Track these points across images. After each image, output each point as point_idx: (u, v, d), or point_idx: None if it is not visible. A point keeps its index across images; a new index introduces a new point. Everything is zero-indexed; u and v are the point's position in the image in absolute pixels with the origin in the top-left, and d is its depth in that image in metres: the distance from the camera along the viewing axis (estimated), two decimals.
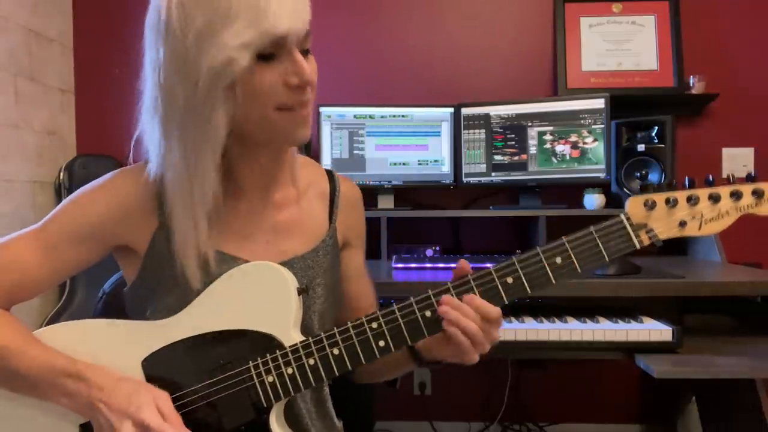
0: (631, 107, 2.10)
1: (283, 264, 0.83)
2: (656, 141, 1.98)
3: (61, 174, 2.16)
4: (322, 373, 0.76)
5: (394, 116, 2.09)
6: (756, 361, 1.27)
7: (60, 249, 0.80)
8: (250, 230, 0.85)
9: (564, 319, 1.40)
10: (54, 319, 2.02)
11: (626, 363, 1.35)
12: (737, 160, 2.16)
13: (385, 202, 2.12)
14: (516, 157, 2.05)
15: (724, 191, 0.75)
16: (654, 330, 1.31)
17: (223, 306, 0.79)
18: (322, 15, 0.76)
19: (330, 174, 0.96)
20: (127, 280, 0.87)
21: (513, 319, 1.41)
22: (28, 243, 0.80)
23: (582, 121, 1.99)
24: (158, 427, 0.69)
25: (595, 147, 1.99)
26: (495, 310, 0.75)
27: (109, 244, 0.83)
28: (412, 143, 2.10)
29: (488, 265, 0.79)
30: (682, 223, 0.75)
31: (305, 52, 0.75)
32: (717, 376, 1.31)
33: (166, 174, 0.77)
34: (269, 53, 0.71)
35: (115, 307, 1.02)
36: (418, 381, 2.25)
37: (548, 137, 2.02)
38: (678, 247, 2.04)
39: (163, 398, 0.73)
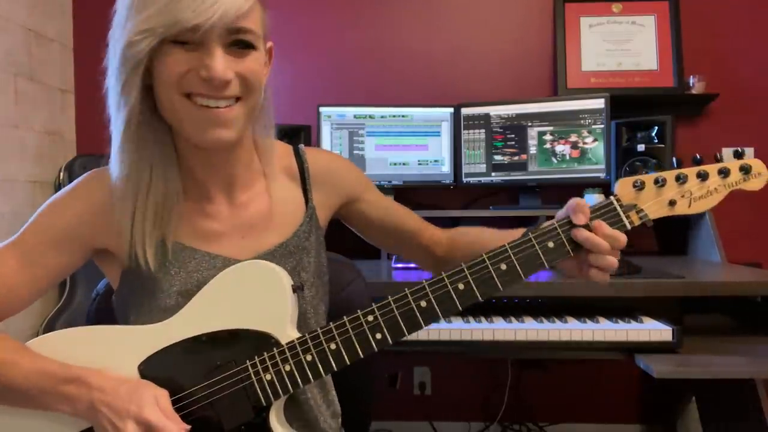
0: (631, 107, 2.10)
1: (264, 255, 0.83)
2: (656, 141, 1.98)
3: (61, 174, 2.15)
4: (320, 369, 0.76)
5: (394, 116, 2.09)
6: (756, 361, 1.27)
7: (38, 257, 0.79)
8: (223, 230, 0.84)
9: (564, 319, 1.40)
10: (53, 320, 2.02)
11: (626, 363, 1.35)
12: None
13: None
14: (516, 157, 2.05)
15: (712, 169, 0.76)
16: (654, 330, 1.31)
17: (218, 306, 0.79)
18: (322, 15, 0.76)
19: (296, 151, 0.94)
20: (113, 286, 0.87)
21: (513, 319, 1.41)
22: (6, 256, 0.79)
23: (582, 121, 1.99)
24: (161, 424, 0.69)
25: (595, 147, 1.99)
26: (620, 236, 0.75)
27: (88, 247, 0.82)
28: (412, 143, 2.10)
29: None
30: (672, 202, 0.76)
31: (239, 47, 0.73)
32: (717, 376, 1.31)
33: (111, 162, 0.79)
34: (182, 41, 0.71)
35: (109, 307, 1.02)
36: (418, 381, 2.25)
37: (548, 137, 2.02)
38: (678, 246, 2.04)
39: (163, 396, 0.73)
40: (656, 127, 1.99)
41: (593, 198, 2.00)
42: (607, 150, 1.98)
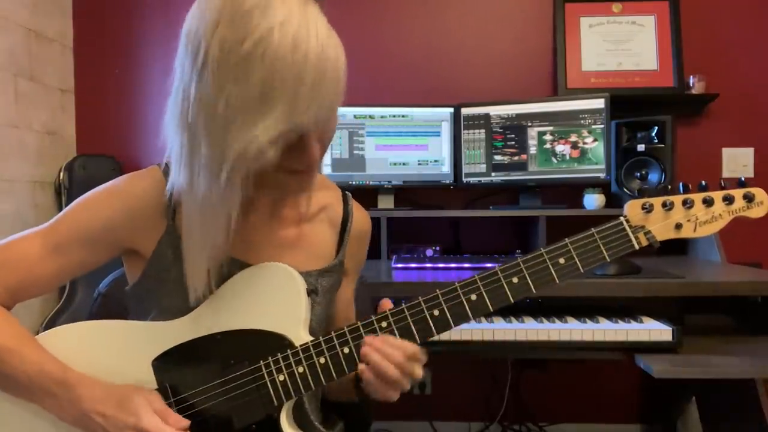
0: (631, 107, 2.10)
1: None
2: (656, 141, 1.98)
3: (61, 174, 2.16)
4: (333, 372, 0.77)
5: (394, 116, 2.09)
6: (756, 361, 1.27)
7: (67, 249, 0.80)
8: (257, 240, 0.85)
9: (564, 319, 1.40)
10: (54, 319, 2.02)
11: (626, 363, 1.35)
12: (737, 160, 2.16)
13: (385, 202, 2.12)
14: (516, 157, 2.05)
15: (717, 195, 0.80)
16: (654, 330, 1.31)
17: (234, 306, 0.79)
18: None
19: (345, 199, 0.95)
20: (129, 279, 0.88)
21: (513, 319, 1.41)
22: (36, 242, 0.80)
23: (582, 121, 1.99)
24: (160, 430, 0.70)
25: (595, 147, 1.99)
26: (411, 347, 0.76)
27: (116, 247, 0.83)
28: (412, 143, 2.10)
29: (488, 265, 0.79)
30: (678, 225, 0.80)
31: None
32: (717, 376, 1.31)
33: (187, 194, 0.72)
34: None
35: (110, 308, 1.02)
36: (418, 381, 2.25)
37: (548, 137, 2.02)
38: (678, 247, 2.04)
39: (156, 399, 0.74)
40: (656, 127, 1.99)
41: (593, 198, 2.00)
42: (607, 150, 1.98)
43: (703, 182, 0.81)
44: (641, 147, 1.99)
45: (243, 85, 0.63)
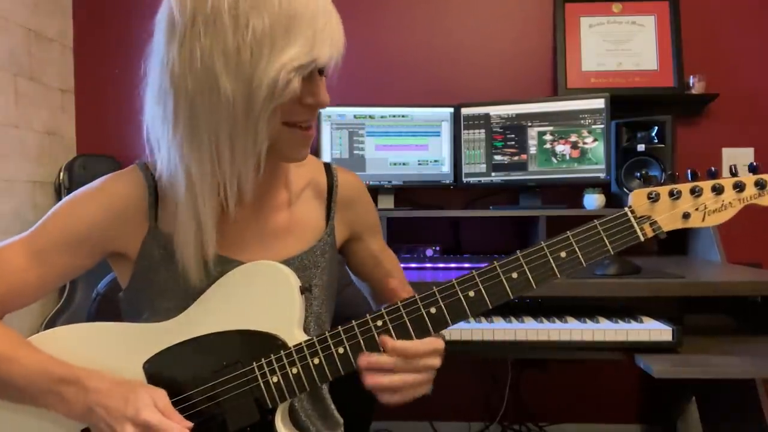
0: (631, 107, 2.10)
1: None
2: (656, 141, 1.98)
3: (61, 174, 2.16)
4: (327, 373, 0.75)
5: (394, 116, 2.09)
6: (756, 361, 1.27)
7: (51, 256, 0.79)
8: (245, 235, 0.84)
9: (564, 319, 1.40)
10: (53, 320, 2.02)
11: (626, 363, 1.34)
12: (737, 160, 2.16)
13: (385, 202, 2.12)
14: (516, 157, 2.05)
15: (727, 183, 0.75)
16: (654, 330, 1.31)
17: (226, 306, 0.78)
18: None
19: (328, 168, 0.94)
20: (121, 285, 0.87)
21: (513, 319, 1.40)
22: (19, 251, 0.79)
23: (582, 121, 1.99)
24: (161, 425, 0.68)
25: (595, 147, 1.99)
26: (412, 347, 0.74)
27: (101, 250, 0.82)
28: (412, 143, 2.10)
29: None
30: (686, 215, 0.75)
31: (321, 72, 0.76)
32: (717, 376, 1.30)
33: (183, 172, 0.73)
34: None
35: (109, 308, 1.02)
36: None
37: (548, 137, 2.02)
38: (678, 246, 2.04)
39: (161, 396, 0.73)
40: (656, 127, 1.99)
41: (593, 198, 2.00)
42: (607, 150, 1.98)
43: (713, 168, 0.76)
44: (641, 147, 1.99)
45: (266, 15, 0.66)
